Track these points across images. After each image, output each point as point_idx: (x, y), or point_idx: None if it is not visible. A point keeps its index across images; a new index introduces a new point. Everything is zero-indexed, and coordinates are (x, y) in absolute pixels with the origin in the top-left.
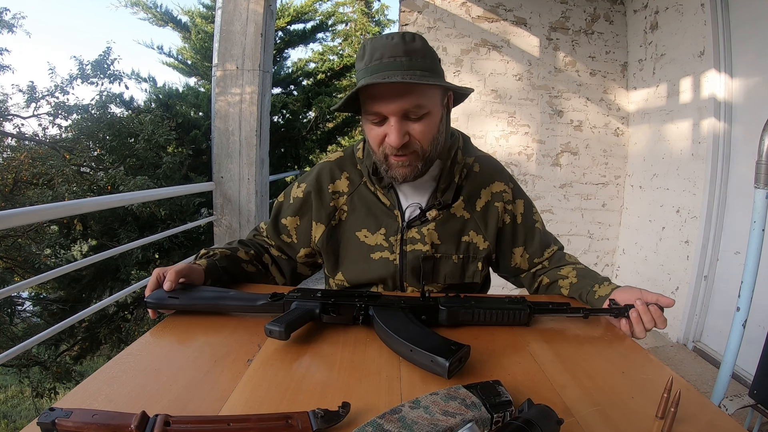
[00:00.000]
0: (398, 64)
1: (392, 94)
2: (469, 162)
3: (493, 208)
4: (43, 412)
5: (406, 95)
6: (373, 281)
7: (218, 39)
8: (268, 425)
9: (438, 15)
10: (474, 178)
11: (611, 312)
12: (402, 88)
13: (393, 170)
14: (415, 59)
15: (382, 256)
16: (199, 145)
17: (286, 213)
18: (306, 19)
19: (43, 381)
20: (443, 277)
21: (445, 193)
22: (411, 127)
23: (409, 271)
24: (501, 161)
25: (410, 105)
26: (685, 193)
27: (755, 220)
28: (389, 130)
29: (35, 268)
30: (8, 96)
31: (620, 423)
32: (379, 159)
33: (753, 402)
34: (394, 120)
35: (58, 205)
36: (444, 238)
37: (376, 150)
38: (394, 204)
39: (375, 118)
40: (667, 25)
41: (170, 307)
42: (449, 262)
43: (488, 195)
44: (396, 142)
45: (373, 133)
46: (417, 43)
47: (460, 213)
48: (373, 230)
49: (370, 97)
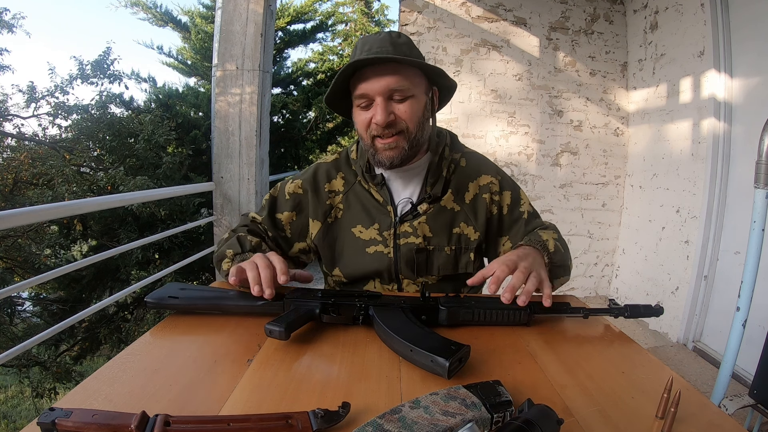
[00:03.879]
0: (384, 51)
1: (377, 74)
2: (456, 157)
3: (481, 199)
4: (43, 412)
5: (393, 75)
6: (369, 275)
7: (218, 39)
8: (268, 425)
9: (438, 15)
10: (461, 172)
11: (611, 312)
12: (386, 69)
13: (380, 154)
14: (399, 49)
15: (376, 249)
16: (199, 145)
17: (282, 208)
18: (306, 19)
19: (43, 381)
20: (437, 268)
21: (434, 187)
22: (396, 107)
23: (403, 263)
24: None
25: (395, 84)
26: (685, 193)
27: (755, 220)
28: (375, 111)
29: (35, 268)
30: (8, 96)
31: (620, 423)
32: (367, 144)
33: (753, 402)
34: (380, 99)
35: (58, 205)
36: (435, 230)
37: (364, 135)
38: (387, 200)
39: (362, 101)
40: (667, 25)
41: (170, 307)
42: (442, 253)
43: (476, 188)
44: (381, 118)
45: (361, 117)
46: (403, 39)
47: (450, 206)
48: (367, 225)
49: (357, 81)
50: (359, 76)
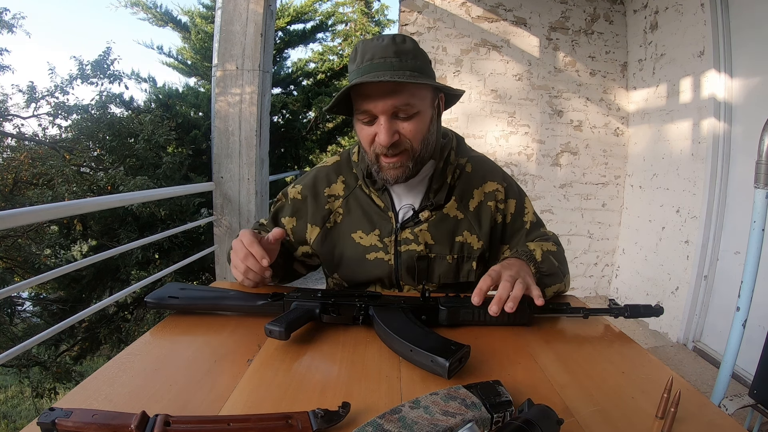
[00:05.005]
0: (388, 64)
1: (381, 93)
2: (461, 162)
3: (486, 207)
4: (43, 412)
5: (395, 94)
6: (370, 281)
7: (218, 39)
8: (268, 425)
9: (438, 15)
10: (466, 179)
11: (611, 312)
12: (391, 87)
13: (384, 172)
14: (405, 60)
15: (377, 256)
16: (199, 145)
17: (285, 213)
18: (306, 19)
19: (43, 381)
20: (438, 276)
21: (438, 194)
22: (400, 126)
23: (404, 270)
24: (501, 161)
25: (399, 103)
26: (685, 193)
27: (755, 220)
28: (379, 130)
29: (35, 268)
30: (8, 96)
31: (620, 423)
32: (371, 160)
33: (753, 402)
34: (384, 119)
35: (58, 205)
36: (437, 238)
37: (368, 149)
38: (388, 206)
39: (365, 117)
40: (667, 25)
41: (170, 307)
42: (443, 262)
43: (481, 195)
44: (385, 140)
45: (364, 132)
46: (408, 45)
47: (453, 213)
48: (368, 231)
49: (360, 97)
50: (361, 90)
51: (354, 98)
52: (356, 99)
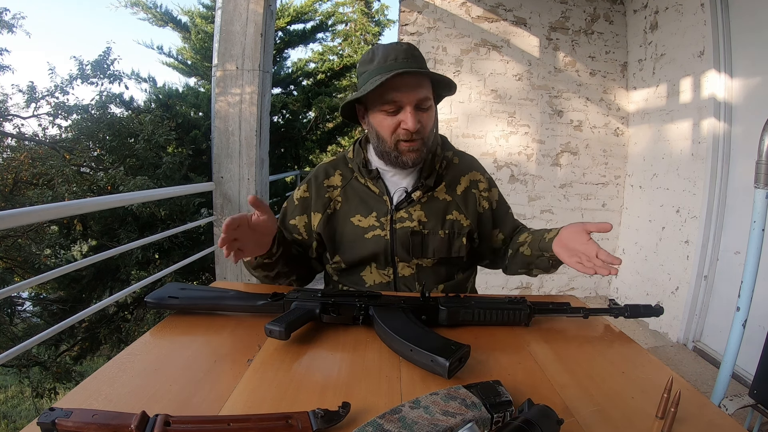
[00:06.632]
0: (410, 63)
1: (411, 86)
2: (448, 155)
3: (471, 193)
4: (43, 412)
5: (420, 88)
6: (366, 258)
7: (218, 39)
8: (268, 425)
9: (438, 15)
10: (453, 168)
11: (611, 312)
12: (417, 81)
13: (404, 155)
14: (420, 63)
15: (374, 234)
16: (199, 145)
17: (293, 214)
18: (306, 19)
19: (43, 381)
20: (432, 251)
21: (428, 179)
22: (421, 116)
23: (399, 245)
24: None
25: (423, 96)
26: (685, 193)
27: (755, 220)
28: (405, 118)
29: (35, 268)
30: (8, 96)
31: (620, 423)
32: (390, 147)
33: (753, 402)
34: (410, 108)
35: (58, 205)
36: (430, 216)
37: (388, 138)
38: (383, 191)
39: (391, 107)
40: (667, 25)
41: (170, 307)
42: (436, 237)
43: (467, 182)
44: (412, 126)
45: (386, 122)
46: (418, 53)
47: (442, 196)
48: (366, 214)
49: (390, 89)
50: (391, 84)
51: (380, 91)
52: (384, 92)
